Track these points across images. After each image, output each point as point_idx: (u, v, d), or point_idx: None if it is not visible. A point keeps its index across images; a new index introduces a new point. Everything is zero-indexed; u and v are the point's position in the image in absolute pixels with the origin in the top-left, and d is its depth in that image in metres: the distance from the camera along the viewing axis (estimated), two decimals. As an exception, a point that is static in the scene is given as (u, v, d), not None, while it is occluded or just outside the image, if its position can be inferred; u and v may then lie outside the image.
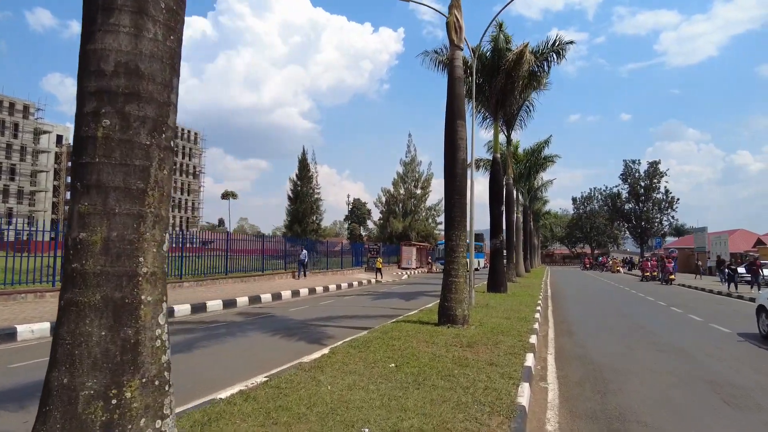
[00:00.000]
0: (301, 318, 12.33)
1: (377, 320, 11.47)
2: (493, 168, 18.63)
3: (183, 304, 13.88)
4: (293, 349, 8.18)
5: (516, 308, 12.89)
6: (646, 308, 15.65)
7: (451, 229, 9.57)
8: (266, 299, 16.96)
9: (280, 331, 10.12)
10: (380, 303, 16.27)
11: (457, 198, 9.59)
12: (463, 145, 9.67)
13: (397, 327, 9.20)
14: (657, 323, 11.95)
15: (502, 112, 19.39)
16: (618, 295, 20.86)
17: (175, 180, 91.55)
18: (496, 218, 18.27)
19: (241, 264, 22.55)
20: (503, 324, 9.86)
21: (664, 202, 74.17)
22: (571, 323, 11.76)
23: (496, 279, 17.84)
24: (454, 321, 9.24)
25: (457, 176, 9.59)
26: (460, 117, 9.70)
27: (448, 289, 9.46)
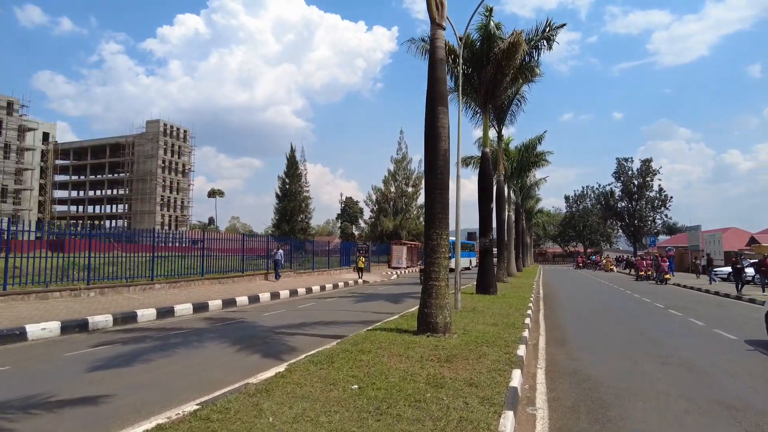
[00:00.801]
0: (272, 324, 11.34)
1: (353, 327, 10.51)
2: (482, 163, 17.68)
3: (148, 308, 12.88)
4: (248, 364, 7.19)
5: (505, 312, 11.96)
6: (644, 311, 14.79)
7: (432, 227, 8.61)
8: (242, 302, 15.97)
9: (242, 341, 9.12)
10: (362, 306, 15.30)
11: (439, 193, 8.63)
12: (445, 134, 8.71)
13: (371, 336, 8.23)
14: (657, 329, 11.05)
15: (491, 105, 18.45)
16: (613, 297, 20.01)
17: (163, 178, 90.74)
18: (485, 216, 17.34)
19: (219, 264, 21.48)
20: (489, 332, 8.92)
21: (658, 200, 73.67)
22: (565, 329, 10.84)
23: (486, 280, 16.92)
24: (435, 329, 8.29)
25: (439, 168, 8.63)
26: (442, 103, 8.73)
27: (428, 293, 8.50)
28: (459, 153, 13.07)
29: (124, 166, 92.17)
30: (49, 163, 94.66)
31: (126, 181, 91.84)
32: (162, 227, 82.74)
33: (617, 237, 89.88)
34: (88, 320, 10.79)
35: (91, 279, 15.44)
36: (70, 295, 14.26)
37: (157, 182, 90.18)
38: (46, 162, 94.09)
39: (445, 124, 8.71)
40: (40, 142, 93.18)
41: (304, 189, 52.51)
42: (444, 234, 8.62)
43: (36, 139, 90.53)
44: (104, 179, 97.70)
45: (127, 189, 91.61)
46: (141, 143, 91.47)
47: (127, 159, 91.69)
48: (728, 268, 32.47)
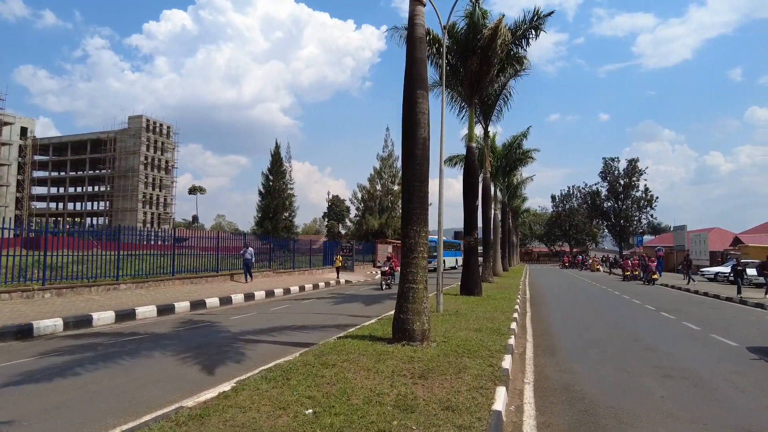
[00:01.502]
0: (238, 329, 10.41)
1: (325, 332, 9.64)
2: (467, 158, 16.87)
3: (106, 311, 11.87)
4: (195, 379, 6.28)
5: (490, 315, 11.17)
6: (635, 314, 14.11)
7: (409, 223, 7.76)
8: (212, 304, 14.99)
9: (199, 349, 8.19)
10: (339, 308, 14.42)
11: (417, 185, 7.78)
12: (425, 120, 7.86)
13: (339, 346, 7.36)
14: (652, 334, 10.33)
15: (477, 98, 17.64)
16: (602, 298, 19.37)
17: (146, 175, 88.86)
18: (470, 213, 16.54)
19: (193, 263, 20.45)
20: (472, 339, 8.10)
21: (643, 200, 73.76)
22: (554, 335, 10.07)
23: (470, 280, 16.13)
24: (411, 337, 7.44)
25: (417, 158, 7.78)
26: (422, 86, 7.88)
27: (405, 297, 7.65)
28: (442, 147, 12.23)
29: (106, 162, 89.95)
30: (27, 159, 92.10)
31: (107, 177, 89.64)
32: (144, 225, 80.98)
33: (603, 237, 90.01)
34: (33, 325, 9.76)
35: (50, 279, 14.39)
36: (22, 297, 13.18)
37: (140, 179, 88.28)
38: (24, 157, 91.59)
39: (424, 110, 7.87)
40: (17, 136, 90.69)
41: (289, 186, 51.38)
42: (422, 231, 7.78)
43: (13, 133, 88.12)
44: (85, 176, 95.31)
45: (108, 186, 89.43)
46: (123, 139, 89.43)
47: (108, 155, 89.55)
48: (715, 268, 32.25)
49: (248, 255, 21.59)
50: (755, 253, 34.47)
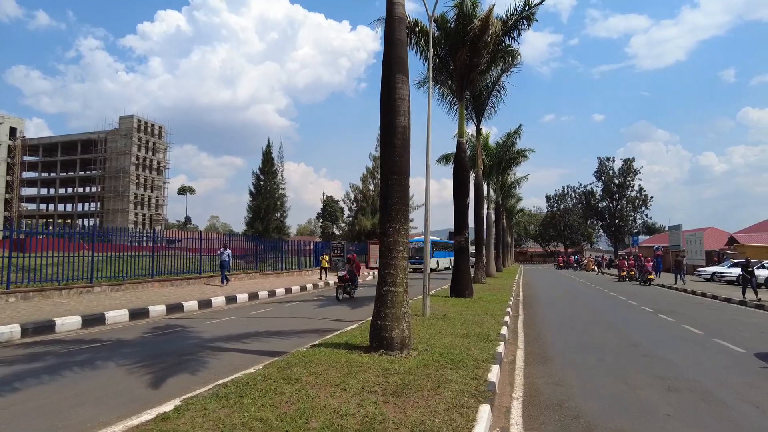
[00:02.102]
0: (210, 335, 9.70)
1: (301, 339, 8.95)
2: (457, 154, 16.20)
3: (73, 315, 11.14)
4: (141, 395, 5.56)
5: (479, 319, 10.50)
6: (632, 316, 13.47)
7: (388, 220, 7.07)
8: (191, 307, 14.26)
9: (159, 359, 7.47)
10: (323, 312, 13.71)
11: (396, 179, 7.09)
12: (405, 107, 7.18)
13: (310, 355, 6.66)
14: (651, 339, 9.67)
15: (468, 92, 17.02)
16: (598, 299, 18.74)
17: (137, 176, 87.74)
18: (461, 212, 15.88)
19: (175, 265, 19.69)
20: (457, 346, 7.42)
21: (638, 200, 73.43)
22: (547, 340, 9.40)
23: (460, 281, 15.46)
24: (389, 346, 6.75)
25: (396, 148, 7.09)
26: (401, 69, 7.20)
27: (383, 302, 6.96)
28: (428, 142, 11.57)
29: (96, 163, 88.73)
30: (17, 159, 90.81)
31: (98, 178, 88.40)
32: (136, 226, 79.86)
33: (598, 237, 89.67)
34: (-18, 333, 9.05)
35: (17, 282, 13.62)
36: (-19, 302, 12.41)
37: (131, 180, 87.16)
38: (14, 158, 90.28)
39: (404, 96, 7.18)
40: (6, 137, 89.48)
41: (280, 186, 50.62)
42: (402, 229, 7.10)
43: (2, 133, 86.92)
44: (75, 176, 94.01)
45: (99, 187, 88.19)
46: (114, 139, 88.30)
47: (99, 156, 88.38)
48: (711, 268, 31.73)
49: (225, 257, 20.21)
50: (752, 253, 33.99)
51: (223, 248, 20.51)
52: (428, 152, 11.27)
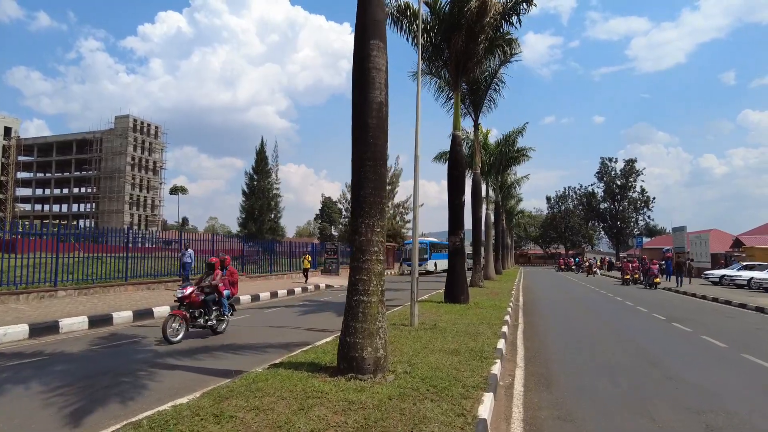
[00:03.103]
0: (166, 348, 8.47)
1: (265, 355, 7.73)
2: (452, 148, 14.98)
3: (20, 324, 9.92)
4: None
5: (473, 330, 9.27)
6: (644, 325, 12.23)
7: (360, 215, 5.86)
8: (162, 313, 13.01)
9: (91, 380, 6.26)
10: (303, 320, 12.48)
11: (370, 166, 5.88)
12: (381, 79, 5.97)
13: (263, 380, 5.44)
14: (671, 355, 8.43)
15: (464, 80, 15.84)
16: (603, 305, 17.48)
17: (133, 176, 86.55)
18: (456, 210, 14.65)
19: (153, 267, 18.49)
20: (445, 366, 6.20)
21: (640, 201, 72.26)
22: (550, 356, 8.16)
23: (455, 285, 14.24)
24: (360, 368, 5.53)
25: (370, 129, 5.88)
26: (376, 34, 5.99)
27: (352, 314, 5.74)
28: (418, 135, 10.35)
29: (92, 163, 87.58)
30: (11, 159, 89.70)
31: (93, 179, 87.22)
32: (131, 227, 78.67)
33: (599, 239, 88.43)
34: None
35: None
36: None
37: (126, 180, 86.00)
38: (8, 158, 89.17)
39: (380, 66, 5.97)
40: (0, 136, 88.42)
41: (275, 186, 49.35)
42: (377, 226, 5.88)
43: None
44: (70, 177, 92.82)
45: (94, 187, 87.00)
46: (109, 139, 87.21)
47: (94, 156, 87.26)
48: (720, 271, 30.47)
49: (187, 258, 17.65)
50: (760, 255, 32.82)
51: (185, 248, 18.29)
52: (417, 145, 10.06)
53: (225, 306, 10.01)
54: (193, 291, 9.45)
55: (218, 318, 9.92)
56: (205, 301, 9.59)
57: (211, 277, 9.96)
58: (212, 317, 9.68)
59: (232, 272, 10.70)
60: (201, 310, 9.52)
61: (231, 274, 10.61)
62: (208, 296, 9.68)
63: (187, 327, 9.08)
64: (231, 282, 10.52)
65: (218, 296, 9.86)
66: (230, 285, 10.46)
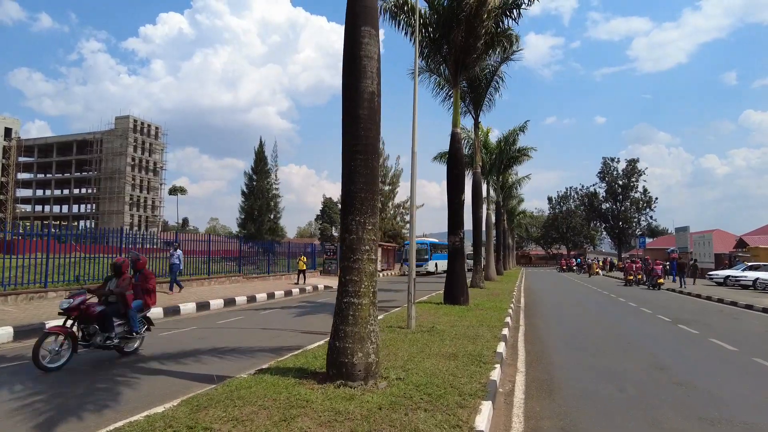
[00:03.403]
0: (151, 351, 8.15)
1: (254, 360, 7.40)
2: (452, 146, 14.63)
3: (2, 327, 9.64)
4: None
5: (473, 333, 8.93)
6: (649, 327, 11.87)
7: (350, 212, 5.53)
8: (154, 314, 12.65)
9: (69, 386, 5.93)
10: (298, 322, 12.14)
11: (361, 159, 5.55)
12: (373, 68, 5.64)
13: (246, 387, 5.11)
14: (679, 359, 8.06)
15: (464, 77, 15.50)
16: (606, 306, 17.12)
17: (133, 177, 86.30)
18: (456, 210, 14.31)
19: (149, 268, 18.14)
20: (441, 372, 5.86)
21: (642, 201, 71.76)
22: (553, 360, 7.81)
23: (455, 287, 13.88)
24: (350, 375, 5.19)
25: (361, 120, 5.55)
26: (367, 20, 5.65)
27: (342, 317, 5.40)
28: (415, 131, 10.01)
29: (92, 164, 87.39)
30: (12, 160, 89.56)
31: (93, 179, 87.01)
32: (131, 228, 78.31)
33: (601, 239, 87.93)
34: None
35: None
36: None
37: (126, 181, 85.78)
38: (9, 159, 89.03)
39: (371, 54, 5.64)
40: (1, 137, 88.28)
41: (274, 186, 49.07)
42: (369, 223, 5.55)
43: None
44: (71, 178, 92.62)
45: (94, 188, 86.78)
46: (109, 140, 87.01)
47: (94, 156, 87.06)
48: (724, 271, 30.06)
49: (175, 259, 16.70)
50: (766, 256, 32.42)
51: (173, 248, 17.28)
52: (414, 134, 9.71)
53: (134, 320, 7.78)
54: (85, 300, 7.25)
55: (124, 336, 7.68)
56: (103, 313, 7.33)
57: (116, 282, 7.78)
58: (114, 334, 7.44)
59: (147, 276, 8.41)
60: (98, 324, 7.29)
61: (146, 279, 8.32)
62: (109, 307, 7.53)
63: (75, 347, 6.93)
64: (145, 289, 8.21)
65: (124, 307, 7.71)
66: (144, 293, 8.18)
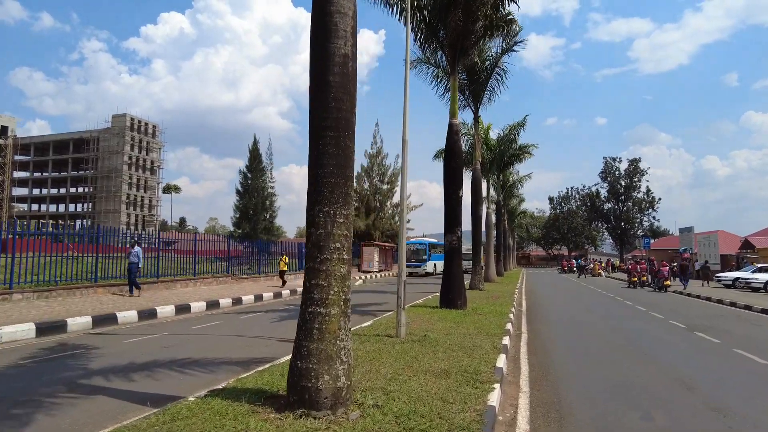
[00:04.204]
0: (102, 363, 7.15)
1: (214, 375, 6.40)
2: (449, 137, 13.58)
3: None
4: None
5: (469, 343, 7.92)
6: (664, 335, 10.84)
7: (318, 201, 4.51)
8: (126, 319, 11.80)
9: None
10: (278, 328, 11.10)
11: (331, 136, 4.53)
12: (347, 27, 4.62)
13: (185, 417, 4.10)
14: (707, 375, 7.03)
15: (462, 64, 14.47)
16: (613, 310, 16.08)
17: (130, 175, 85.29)
18: (453, 206, 13.29)
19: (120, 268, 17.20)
20: (429, 395, 4.85)
21: (645, 201, 70.71)
22: (561, 376, 6.79)
23: (452, 289, 12.86)
24: (313, 403, 4.18)
25: (332, 89, 4.54)
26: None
27: (306, 332, 4.39)
28: (406, 116, 9.01)
29: (88, 162, 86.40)
30: (8, 159, 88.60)
31: (90, 178, 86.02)
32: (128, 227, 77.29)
33: (603, 240, 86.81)
34: None
35: None
36: None
37: (123, 180, 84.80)
38: (5, 157, 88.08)
39: (345, 9, 4.62)
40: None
41: (269, 185, 48.06)
42: (340, 215, 4.53)
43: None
44: (67, 176, 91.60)
45: (90, 187, 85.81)
46: (106, 138, 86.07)
47: (91, 155, 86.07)
48: (733, 273, 28.98)
49: (133, 257, 14.79)
50: (774, 257, 31.37)
51: (132, 246, 15.35)
52: (405, 119, 8.70)
53: None
54: None
55: None
56: None
57: None
58: None
59: None
60: None
61: None
62: None
63: None
64: None
65: None
66: None
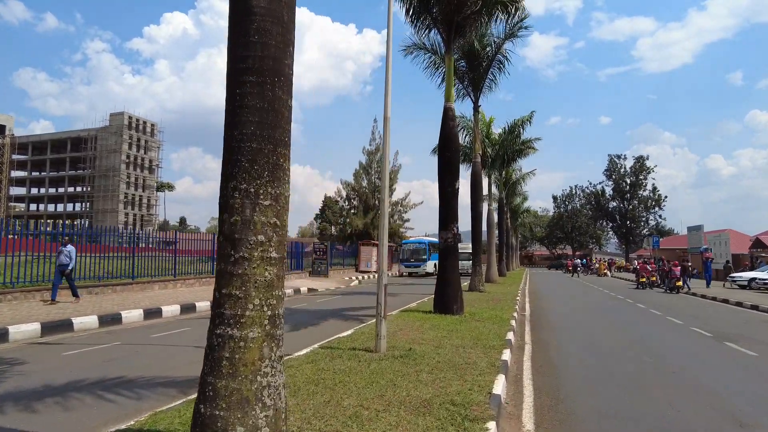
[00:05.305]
0: (13, 385, 5.83)
1: (153, 399, 5.06)
2: (444, 123, 12.17)
3: None
4: None
5: (462, 359, 6.55)
6: (691, 346, 9.42)
7: (234, 175, 3.14)
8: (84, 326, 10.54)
9: None
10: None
11: (253, 83, 3.15)
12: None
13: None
14: (757, 402, 5.69)
15: (458, 44, 13.12)
16: (627, 315, 14.64)
17: (128, 174, 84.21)
18: (448, 199, 11.87)
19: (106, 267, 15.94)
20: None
21: (651, 200, 69.12)
22: (576, 410, 5.41)
23: (446, 292, 11.46)
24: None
25: (255, 18, 3.17)
26: None
27: (214, 363, 3.03)
28: (388, 86, 7.69)
29: (86, 161, 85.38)
30: (5, 158, 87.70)
31: (87, 177, 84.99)
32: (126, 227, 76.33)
33: (607, 239, 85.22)
34: None
35: None
36: None
37: (121, 179, 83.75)
38: (2, 156, 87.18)
39: None
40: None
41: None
42: (266, 195, 3.15)
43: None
44: (65, 176, 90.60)
45: (88, 186, 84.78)
46: (104, 137, 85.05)
47: (89, 154, 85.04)
48: (749, 273, 27.49)
49: (63, 257, 12.62)
50: (791, 256, 29.88)
51: (63, 244, 13.10)
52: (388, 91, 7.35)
53: None
54: None
55: None
56: None
57: None
58: None
59: None
60: None
61: None
62: None
63: None
64: None
65: None
66: None
